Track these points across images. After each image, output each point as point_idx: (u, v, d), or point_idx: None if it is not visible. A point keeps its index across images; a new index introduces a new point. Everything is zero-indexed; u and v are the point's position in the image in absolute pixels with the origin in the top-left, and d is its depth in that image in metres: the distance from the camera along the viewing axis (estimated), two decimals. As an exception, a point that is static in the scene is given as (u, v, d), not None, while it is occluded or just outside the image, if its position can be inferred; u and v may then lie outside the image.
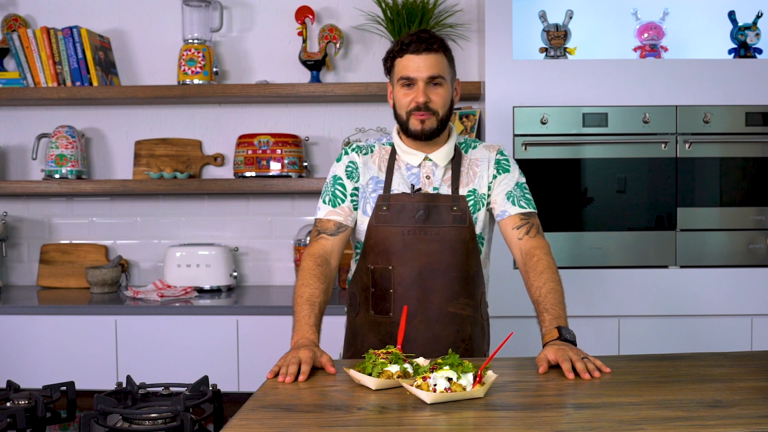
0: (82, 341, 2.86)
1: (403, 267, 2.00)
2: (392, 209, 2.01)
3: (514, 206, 2.02)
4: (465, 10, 3.31)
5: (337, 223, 2.04)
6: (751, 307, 2.88)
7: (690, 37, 3.15)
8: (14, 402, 1.68)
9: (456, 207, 2.00)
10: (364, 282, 2.06)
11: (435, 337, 2.00)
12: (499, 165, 2.07)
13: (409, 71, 1.96)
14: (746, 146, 2.90)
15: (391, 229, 2.00)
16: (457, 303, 2.02)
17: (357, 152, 2.09)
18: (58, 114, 3.43)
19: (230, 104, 3.41)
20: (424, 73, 1.95)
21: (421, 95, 1.96)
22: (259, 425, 1.34)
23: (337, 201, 2.05)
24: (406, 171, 2.05)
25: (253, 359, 2.84)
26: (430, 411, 1.41)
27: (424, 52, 1.95)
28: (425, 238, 1.99)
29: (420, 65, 1.95)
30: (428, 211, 2.00)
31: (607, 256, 2.90)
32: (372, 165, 2.07)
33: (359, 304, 2.08)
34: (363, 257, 2.06)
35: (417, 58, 1.95)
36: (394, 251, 2.00)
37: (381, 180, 2.05)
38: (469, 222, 2.01)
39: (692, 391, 1.52)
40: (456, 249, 2.00)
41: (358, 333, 2.09)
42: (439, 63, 1.97)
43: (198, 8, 3.25)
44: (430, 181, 2.03)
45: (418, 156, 2.03)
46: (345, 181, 2.06)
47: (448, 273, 2.00)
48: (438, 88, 1.98)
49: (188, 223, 3.45)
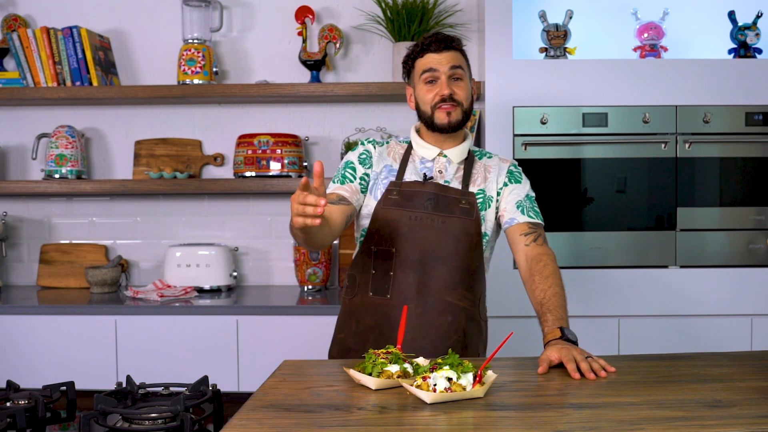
0: (82, 341, 2.86)
1: (405, 251, 2.02)
2: (402, 195, 2.05)
3: (523, 215, 2.07)
4: (465, 10, 3.31)
5: (340, 195, 2.05)
6: (751, 307, 2.88)
7: (690, 37, 3.15)
8: (14, 402, 1.68)
9: (464, 201, 2.04)
10: (365, 263, 2.08)
11: (429, 324, 2.01)
12: (512, 175, 2.13)
13: (432, 64, 2.04)
14: (746, 146, 2.90)
15: (398, 212, 2.03)
16: (454, 293, 2.03)
17: (373, 144, 2.15)
18: (58, 114, 3.43)
19: (230, 104, 3.41)
20: (446, 65, 2.03)
21: (446, 87, 2.03)
22: (259, 425, 1.34)
23: (346, 180, 2.09)
24: (420, 164, 2.10)
25: (253, 359, 2.84)
26: (430, 411, 1.41)
27: (444, 50, 2.04)
28: (431, 225, 2.02)
29: (442, 60, 2.04)
30: (437, 200, 2.04)
31: (607, 256, 2.90)
32: (386, 156, 2.13)
33: (358, 285, 2.09)
34: (367, 239, 2.07)
35: (438, 55, 2.04)
36: (398, 234, 2.03)
37: (394, 169, 2.10)
38: (476, 216, 2.04)
39: (692, 391, 1.52)
40: (460, 240, 2.02)
41: (353, 314, 2.10)
42: (459, 58, 2.06)
43: (198, 8, 3.25)
44: (442, 175, 2.08)
45: (434, 150, 2.09)
46: (357, 165, 2.11)
47: (449, 262, 2.02)
48: (460, 82, 2.05)
49: (188, 223, 3.45)
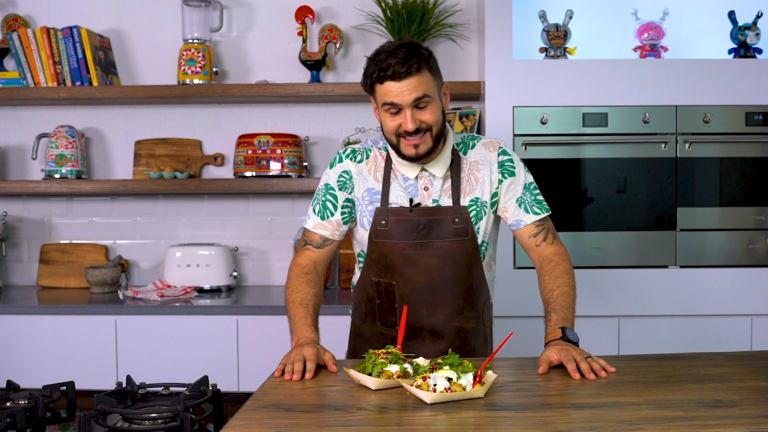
0: (82, 341, 2.86)
1: (406, 284, 1.96)
2: (391, 224, 1.94)
3: (528, 214, 1.98)
4: (465, 10, 3.31)
5: (324, 237, 2.01)
6: (751, 307, 2.88)
7: (690, 37, 3.15)
8: (14, 402, 1.68)
9: (458, 219, 1.94)
10: (369, 293, 2.03)
11: (441, 352, 1.94)
12: (503, 167, 1.99)
13: (391, 97, 1.83)
14: (746, 146, 2.90)
15: (392, 244, 1.95)
16: (461, 317, 1.99)
17: (351, 159, 2.01)
18: (58, 114, 3.43)
19: (230, 104, 3.41)
20: (409, 98, 1.82)
21: (410, 122, 1.83)
22: (259, 425, 1.34)
23: (327, 213, 2.00)
24: (403, 182, 1.97)
25: (253, 359, 2.84)
26: (430, 411, 1.41)
27: (405, 78, 1.80)
28: (427, 252, 1.94)
29: (403, 91, 1.81)
30: (429, 226, 1.93)
31: (607, 256, 2.90)
32: (367, 175, 1.99)
33: (365, 313, 2.06)
34: (366, 268, 2.02)
35: (398, 85, 1.81)
36: (396, 266, 1.96)
37: (377, 191, 1.97)
38: (471, 234, 1.95)
39: (692, 391, 1.52)
40: (458, 263, 1.96)
41: (364, 340, 2.07)
42: (422, 83, 1.82)
43: (198, 8, 3.25)
44: (428, 193, 1.95)
45: (414, 168, 1.95)
46: (337, 192, 2.00)
47: (451, 288, 1.97)
48: (426, 109, 1.85)
49: (188, 223, 3.45)
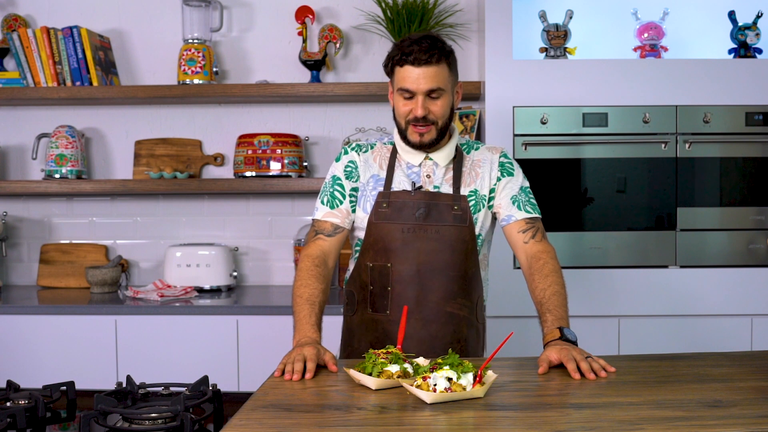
0: (82, 341, 2.86)
1: (401, 265, 1.99)
2: (392, 206, 2.00)
3: (519, 211, 2.02)
4: (465, 10, 3.31)
5: (335, 224, 2.04)
6: (751, 307, 2.88)
7: (690, 37, 3.15)
8: (14, 402, 1.68)
9: (457, 206, 1.99)
10: (362, 280, 2.05)
11: (432, 337, 2.00)
12: (503, 168, 2.06)
13: (408, 83, 1.92)
14: (746, 146, 2.90)
15: (390, 226, 1.99)
16: (454, 303, 2.01)
17: (357, 151, 2.08)
18: (58, 114, 3.43)
19: (230, 104, 3.41)
20: (423, 87, 1.91)
21: (420, 109, 1.92)
22: (259, 425, 1.34)
23: (336, 202, 2.05)
24: (407, 169, 2.04)
25: (253, 359, 2.84)
26: (430, 411, 1.41)
27: (424, 65, 1.90)
28: (425, 236, 1.98)
29: (419, 78, 1.90)
30: (429, 209, 1.99)
31: (607, 256, 2.90)
32: (372, 163, 2.06)
33: (357, 302, 2.07)
34: (362, 254, 2.05)
35: (416, 71, 1.90)
36: (393, 248, 1.99)
37: (381, 178, 2.04)
38: (469, 222, 2.00)
39: (692, 391, 1.52)
40: (455, 248, 1.99)
41: (354, 333, 2.08)
42: (439, 75, 1.92)
43: (198, 8, 3.25)
44: (430, 180, 2.02)
45: (419, 156, 2.03)
46: (344, 181, 2.06)
47: (446, 272, 1.99)
48: (437, 100, 1.94)
49: (188, 223, 3.45)
